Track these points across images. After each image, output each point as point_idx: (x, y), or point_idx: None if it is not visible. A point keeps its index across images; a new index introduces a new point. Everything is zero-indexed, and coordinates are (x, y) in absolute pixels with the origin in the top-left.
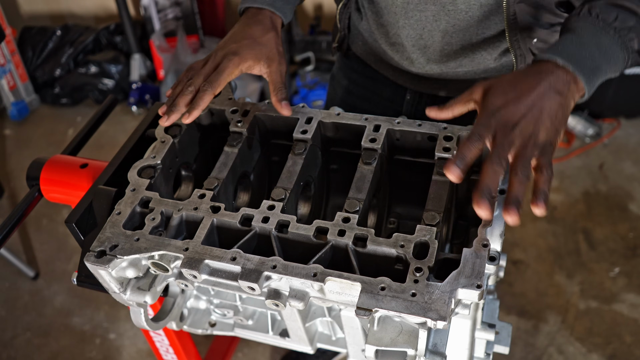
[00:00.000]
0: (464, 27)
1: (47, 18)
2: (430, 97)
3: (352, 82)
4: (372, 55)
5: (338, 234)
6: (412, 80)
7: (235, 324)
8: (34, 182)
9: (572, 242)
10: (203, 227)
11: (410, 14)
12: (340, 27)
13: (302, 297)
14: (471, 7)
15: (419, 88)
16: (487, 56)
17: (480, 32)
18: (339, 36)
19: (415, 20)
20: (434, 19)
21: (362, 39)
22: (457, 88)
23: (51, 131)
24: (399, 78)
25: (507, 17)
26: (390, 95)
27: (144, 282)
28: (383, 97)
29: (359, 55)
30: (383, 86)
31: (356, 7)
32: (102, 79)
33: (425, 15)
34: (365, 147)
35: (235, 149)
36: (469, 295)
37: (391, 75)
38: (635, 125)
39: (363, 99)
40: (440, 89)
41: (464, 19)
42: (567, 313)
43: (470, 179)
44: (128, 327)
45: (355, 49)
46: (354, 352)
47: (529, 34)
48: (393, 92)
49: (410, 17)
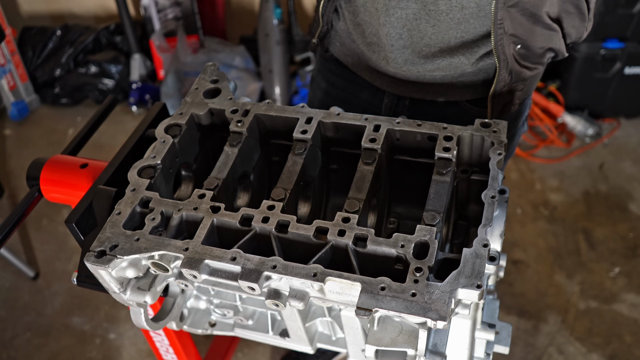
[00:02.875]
0: (443, 28)
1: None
2: (408, 100)
3: (330, 85)
4: (349, 57)
5: (338, 234)
6: (390, 83)
7: (235, 324)
8: (34, 182)
9: (572, 242)
10: (203, 227)
11: (391, 11)
12: (324, 21)
13: (302, 297)
14: (452, 8)
15: (396, 91)
16: (465, 61)
17: (459, 35)
18: (320, 30)
19: (396, 18)
20: (414, 17)
21: (340, 39)
22: (434, 91)
23: (51, 131)
24: (377, 80)
25: (494, 21)
26: (368, 98)
27: (144, 282)
28: (361, 99)
29: (337, 57)
30: (361, 88)
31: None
32: (102, 79)
33: (406, 13)
34: (365, 147)
35: (235, 149)
36: (469, 295)
37: (369, 78)
38: (635, 125)
39: (342, 102)
40: (417, 92)
41: (444, 20)
42: (567, 313)
43: (470, 179)
44: (128, 327)
45: (334, 50)
46: (354, 352)
47: (513, 39)
48: (371, 94)
49: (392, 15)
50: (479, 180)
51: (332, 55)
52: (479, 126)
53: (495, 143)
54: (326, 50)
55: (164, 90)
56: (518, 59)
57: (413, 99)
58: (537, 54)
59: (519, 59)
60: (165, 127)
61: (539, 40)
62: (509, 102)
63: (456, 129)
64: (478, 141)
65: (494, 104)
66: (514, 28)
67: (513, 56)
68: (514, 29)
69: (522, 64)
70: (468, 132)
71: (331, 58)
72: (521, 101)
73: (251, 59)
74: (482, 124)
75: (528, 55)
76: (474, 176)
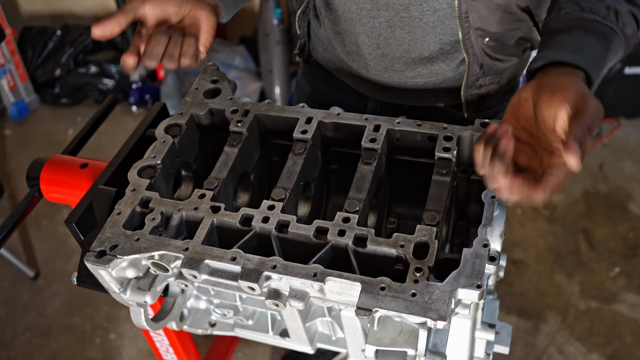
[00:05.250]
0: (420, 34)
1: (47, 18)
2: (392, 105)
3: (315, 89)
4: (332, 63)
5: (338, 234)
6: (373, 89)
7: (235, 324)
8: (34, 182)
9: (572, 242)
10: (203, 227)
11: (364, 20)
12: (300, 34)
13: (302, 297)
14: (424, 13)
15: (379, 97)
16: (445, 67)
17: (437, 39)
18: (300, 43)
19: (370, 27)
20: (387, 25)
21: (322, 46)
22: (417, 97)
23: (51, 131)
24: (360, 86)
25: (459, 15)
26: (352, 103)
27: (144, 282)
28: (346, 104)
29: (321, 62)
30: (345, 94)
31: (314, 13)
32: (102, 79)
33: (379, 22)
34: (365, 147)
35: (235, 149)
36: (469, 295)
37: (352, 83)
38: (635, 125)
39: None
40: (400, 98)
41: (419, 26)
42: (567, 313)
43: (470, 179)
44: (128, 327)
45: (316, 56)
46: (354, 352)
47: (480, 33)
48: (355, 100)
49: (365, 24)
50: (479, 180)
51: (316, 60)
52: (479, 126)
53: None
54: (309, 56)
55: (164, 90)
56: (488, 52)
57: (397, 105)
58: (508, 45)
59: (490, 52)
60: (165, 127)
61: (508, 32)
62: (484, 96)
63: (456, 129)
64: None
65: (468, 99)
66: (480, 21)
67: (482, 50)
68: (480, 22)
69: (493, 57)
70: (468, 132)
71: (315, 63)
72: (500, 95)
73: (251, 59)
74: (482, 124)
75: (499, 47)
76: (474, 176)
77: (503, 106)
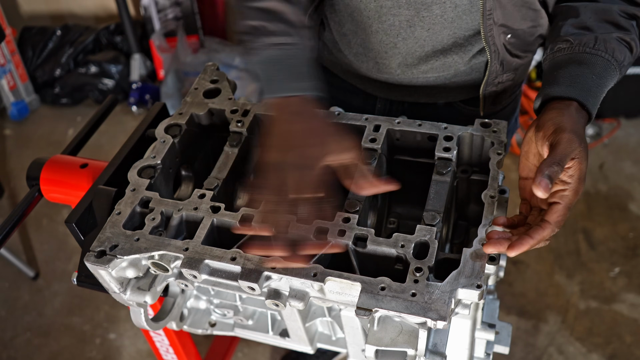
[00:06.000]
0: (437, 30)
1: (47, 18)
2: (401, 103)
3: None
4: (338, 65)
5: (338, 234)
6: (382, 88)
7: (235, 324)
8: (34, 182)
9: (572, 242)
10: (203, 227)
11: (383, 18)
12: None
13: (302, 297)
14: (446, 10)
15: (389, 96)
16: (459, 59)
17: (452, 33)
18: None
19: (389, 25)
20: (407, 24)
21: (327, 49)
22: (427, 94)
23: (51, 131)
24: (368, 87)
25: (483, 12)
26: (360, 105)
27: (144, 282)
28: (353, 106)
29: (326, 66)
30: (353, 95)
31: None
32: (102, 79)
33: (399, 20)
34: (365, 147)
35: (235, 149)
36: (469, 295)
37: (359, 84)
38: (635, 125)
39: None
40: (410, 95)
41: (439, 22)
42: (567, 313)
43: (470, 178)
44: (128, 327)
45: (322, 60)
46: (354, 352)
47: (504, 30)
48: (363, 101)
49: (384, 22)
50: (479, 180)
51: (322, 64)
52: (479, 126)
53: (495, 143)
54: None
55: (164, 90)
56: (509, 49)
57: (406, 102)
58: (528, 41)
59: (510, 48)
60: (165, 127)
61: (530, 28)
62: (500, 92)
63: (456, 129)
64: (478, 141)
65: (486, 96)
66: (504, 18)
67: (504, 46)
68: (504, 19)
69: (513, 53)
70: (468, 132)
71: (320, 67)
72: (512, 92)
73: None
74: (482, 124)
75: (519, 43)
76: (474, 176)
77: (512, 100)
